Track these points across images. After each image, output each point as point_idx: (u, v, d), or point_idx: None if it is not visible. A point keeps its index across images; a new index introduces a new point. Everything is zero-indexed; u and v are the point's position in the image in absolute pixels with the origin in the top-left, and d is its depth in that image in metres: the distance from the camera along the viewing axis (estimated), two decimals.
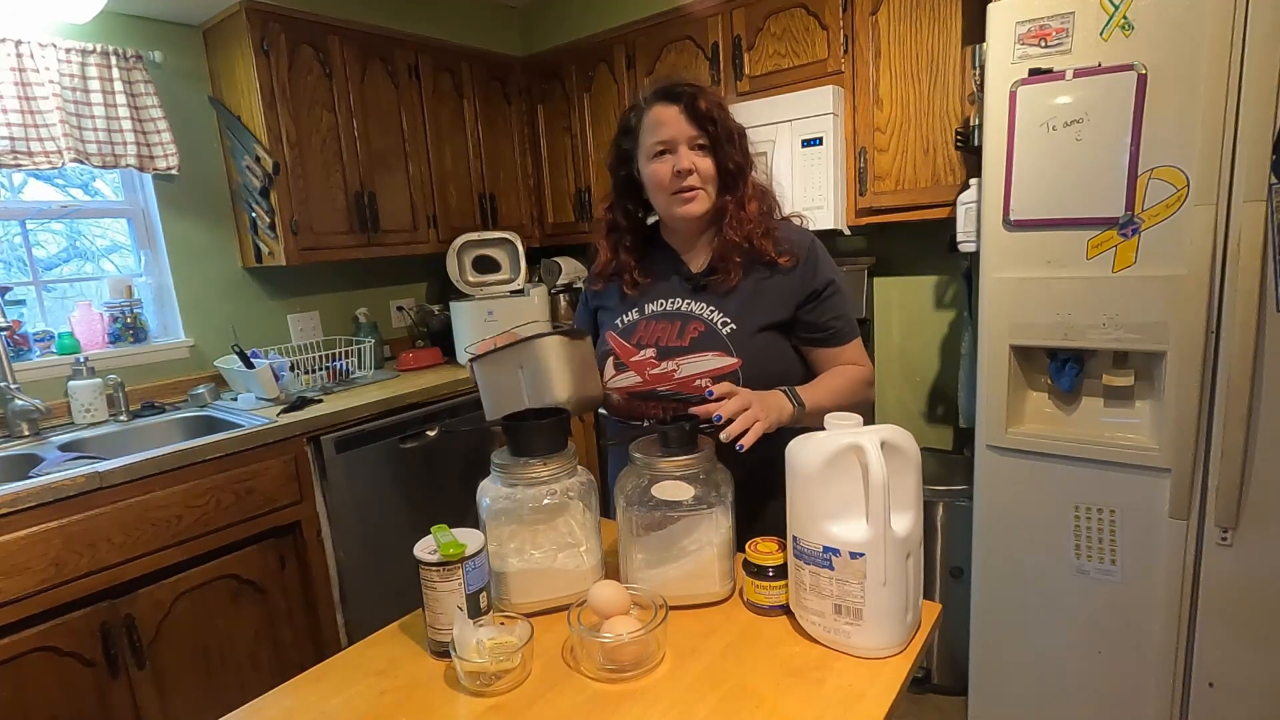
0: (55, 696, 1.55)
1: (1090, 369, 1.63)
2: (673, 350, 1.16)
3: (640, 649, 0.85)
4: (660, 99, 1.15)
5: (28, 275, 2.15)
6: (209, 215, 2.38)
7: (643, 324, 1.21)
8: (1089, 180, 1.49)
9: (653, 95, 1.17)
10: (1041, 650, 1.72)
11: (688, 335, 1.16)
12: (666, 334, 1.18)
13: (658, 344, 1.18)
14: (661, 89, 1.17)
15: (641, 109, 1.18)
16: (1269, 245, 1.33)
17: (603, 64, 2.71)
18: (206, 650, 1.80)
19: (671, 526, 0.98)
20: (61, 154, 1.98)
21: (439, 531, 0.92)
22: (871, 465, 0.83)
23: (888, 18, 2.07)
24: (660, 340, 1.18)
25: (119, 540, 1.61)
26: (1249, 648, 1.48)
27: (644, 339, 1.19)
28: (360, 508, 2.12)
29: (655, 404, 1.17)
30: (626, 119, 1.22)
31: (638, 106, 1.19)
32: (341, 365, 2.41)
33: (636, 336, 1.20)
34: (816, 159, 2.15)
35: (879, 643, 0.86)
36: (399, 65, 2.54)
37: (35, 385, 2.02)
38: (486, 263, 2.76)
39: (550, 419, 1.00)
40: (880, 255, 2.51)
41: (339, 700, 0.85)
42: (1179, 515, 1.50)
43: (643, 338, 1.19)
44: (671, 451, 0.98)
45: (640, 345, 1.19)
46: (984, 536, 1.76)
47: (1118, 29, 1.42)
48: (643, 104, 1.18)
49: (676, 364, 1.15)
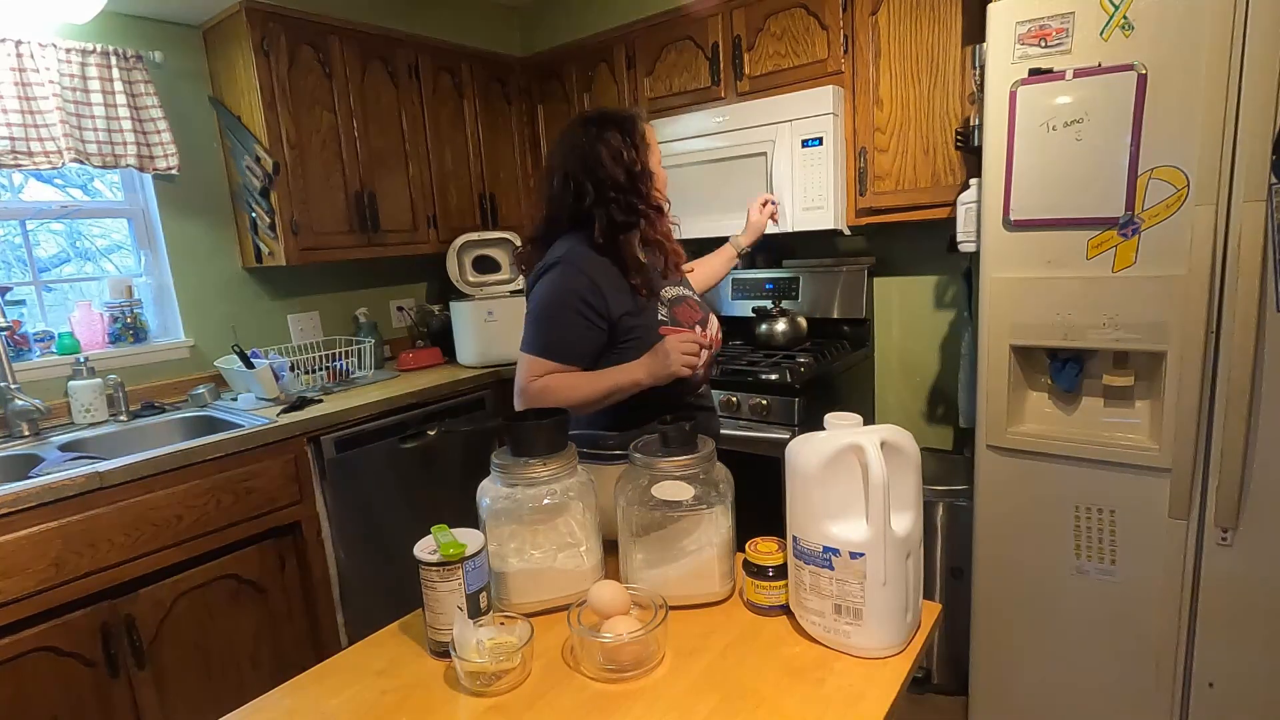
0: (55, 696, 1.55)
1: (1090, 369, 1.63)
2: (701, 321, 1.40)
3: (640, 649, 0.85)
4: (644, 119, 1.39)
5: (28, 275, 2.15)
6: (209, 215, 2.38)
7: (675, 310, 1.37)
8: (1089, 180, 1.49)
9: (642, 114, 1.40)
10: (1041, 650, 1.72)
11: (698, 308, 1.42)
12: (692, 311, 1.39)
13: (692, 321, 1.38)
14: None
15: (642, 121, 1.37)
16: (1269, 245, 1.33)
17: (603, 64, 2.71)
18: (206, 650, 1.80)
19: (671, 526, 0.98)
20: (61, 154, 1.98)
21: (439, 531, 0.92)
22: (871, 465, 0.83)
23: (888, 18, 2.07)
24: (693, 318, 1.39)
25: (119, 540, 1.61)
26: (1249, 648, 1.48)
27: (687, 319, 1.38)
28: (360, 508, 2.12)
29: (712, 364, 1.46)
30: (638, 125, 1.35)
31: (641, 118, 1.37)
32: (341, 365, 2.41)
33: (684, 318, 1.38)
34: (816, 159, 2.15)
35: (879, 643, 0.86)
36: (399, 65, 2.54)
37: (35, 385, 2.02)
38: (486, 263, 2.76)
39: (550, 419, 1.00)
40: (880, 255, 2.52)
41: (339, 700, 0.85)
42: (1179, 515, 1.50)
43: (686, 318, 1.38)
44: (671, 451, 0.98)
45: (690, 324, 1.37)
46: (984, 536, 1.76)
47: (1118, 29, 1.42)
48: (642, 117, 1.38)
49: (709, 328, 1.40)
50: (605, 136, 1.30)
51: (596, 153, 1.29)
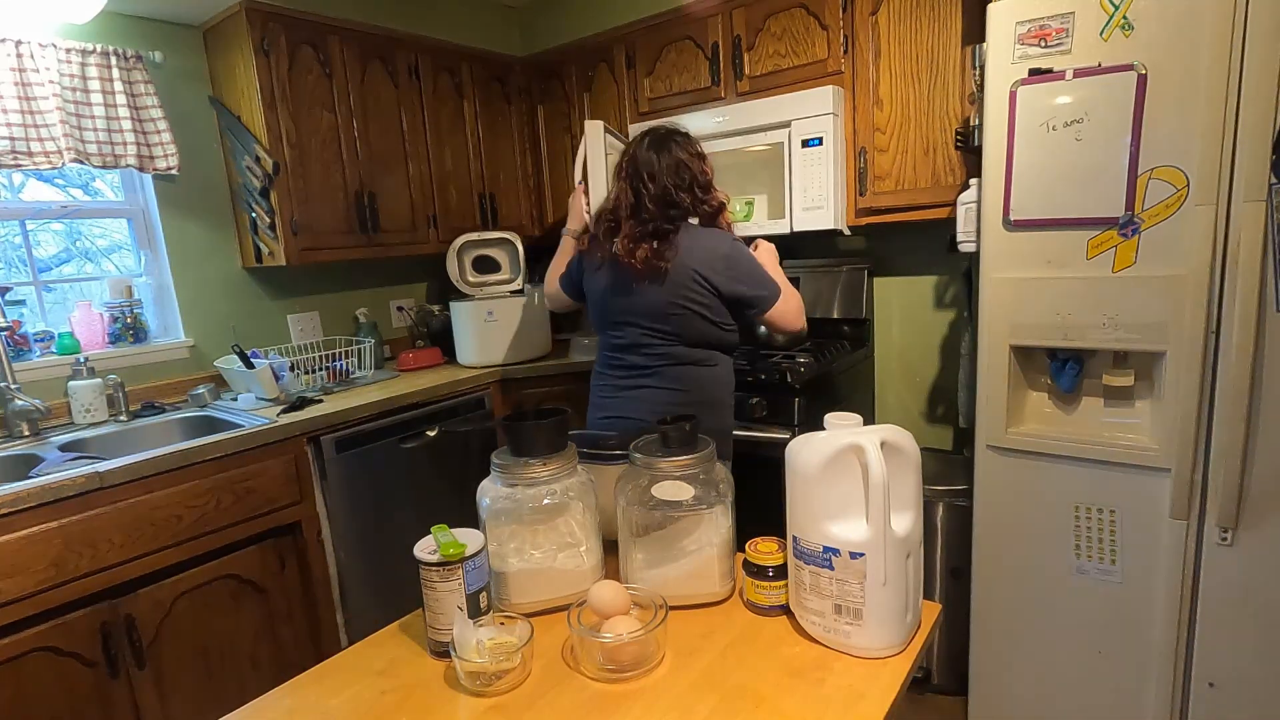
0: (55, 696, 1.55)
1: (1090, 369, 1.63)
2: None
3: (640, 649, 0.85)
4: None
5: (28, 275, 2.15)
6: (209, 215, 2.38)
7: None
8: (1089, 180, 1.49)
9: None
10: (1041, 650, 1.72)
11: None
12: None
13: None
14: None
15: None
16: (1269, 245, 1.33)
17: (602, 64, 2.71)
18: (206, 650, 1.80)
19: (671, 526, 0.98)
20: (61, 154, 1.98)
21: (439, 531, 0.92)
22: (871, 465, 0.83)
23: (888, 18, 2.07)
24: None
25: (119, 540, 1.61)
26: (1249, 648, 1.48)
27: None
28: (360, 508, 2.12)
29: None
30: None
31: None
32: (341, 365, 2.41)
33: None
34: (816, 159, 2.15)
35: (879, 643, 0.86)
36: (399, 65, 2.54)
37: (35, 385, 2.02)
38: (486, 263, 2.76)
39: (550, 419, 1.00)
40: (880, 255, 2.52)
41: (339, 700, 0.85)
42: (1179, 515, 1.50)
43: None
44: (671, 451, 0.98)
45: None
46: (984, 536, 1.76)
47: (1118, 29, 1.42)
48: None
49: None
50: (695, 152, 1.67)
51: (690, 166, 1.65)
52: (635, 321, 1.65)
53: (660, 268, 1.57)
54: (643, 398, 1.65)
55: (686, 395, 1.63)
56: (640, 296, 1.62)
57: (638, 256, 1.58)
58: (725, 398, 1.71)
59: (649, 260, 1.57)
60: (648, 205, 1.61)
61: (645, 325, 1.64)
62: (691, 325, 1.61)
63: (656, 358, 1.64)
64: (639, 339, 1.65)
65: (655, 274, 1.58)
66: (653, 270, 1.58)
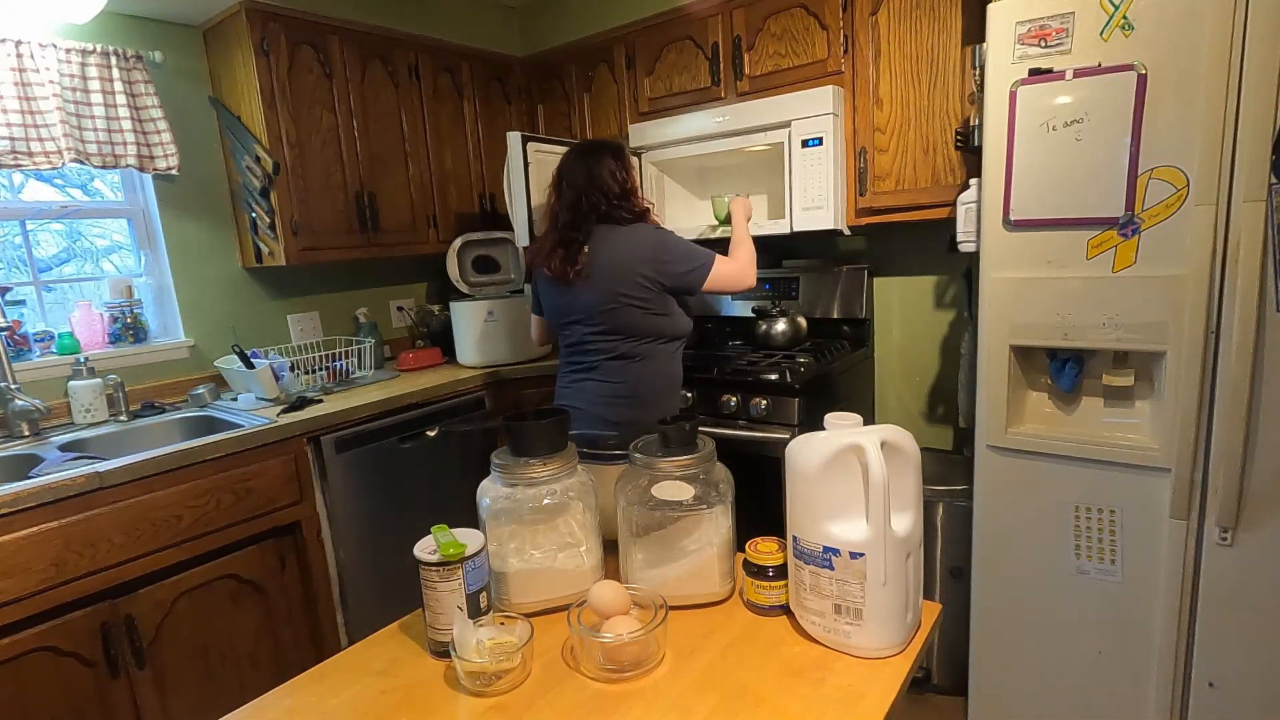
0: (55, 696, 1.55)
1: (1090, 369, 1.63)
2: None
3: (640, 649, 0.85)
4: None
5: (28, 275, 2.15)
6: (209, 215, 2.38)
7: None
8: (1089, 180, 1.49)
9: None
10: (1041, 650, 1.72)
11: None
12: None
13: None
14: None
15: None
16: (1269, 245, 1.33)
17: (602, 64, 2.71)
18: (206, 650, 1.80)
19: (671, 526, 0.98)
20: (61, 154, 1.98)
21: (439, 531, 0.92)
22: (871, 465, 0.83)
23: (888, 18, 2.07)
24: None
25: (119, 540, 1.61)
26: (1249, 648, 1.48)
27: None
28: (360, 508, 2.12)
29: None
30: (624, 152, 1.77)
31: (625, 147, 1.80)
32: (341, 365, 2.41)
33: None
34: (816, 159, 2.15)
35: (879, 643, 0.86)
36: (399, 65, 2.54)
37: (35, 385, 2.02)
38: (486, 263, 2.76)
39: (550, 419, 1.00)
40: (880, 255, 2.52)
41: (339, 700, 0.85)
42: (1179, 515, 1.50)
43: None
44: (671, 451, 0.98)
45: None
46: (984, 536, 1.76)
47: (1118, 29, 1.42)
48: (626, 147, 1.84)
49: None
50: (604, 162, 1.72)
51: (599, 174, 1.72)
52: (578, 320, 1.75)
53: (571, 273, 1.68)
54: (586, 389, 1.77)
55: (623, 387, 1.74)
56: (575, 298, 1.72)
57: (553, 266, 1.70)
58: (665, 390, 1.78)
59: (560, 268, 1.69)
60: (564, 212, 1.73)
61: (585, 324, 1.74)
62: (629, 319, 1.69)
63: (595, 353, 1.76)
64: (583, 337, 1.76)
65: (578, 278, 1.69)
66: (567, 276, 1.69)
